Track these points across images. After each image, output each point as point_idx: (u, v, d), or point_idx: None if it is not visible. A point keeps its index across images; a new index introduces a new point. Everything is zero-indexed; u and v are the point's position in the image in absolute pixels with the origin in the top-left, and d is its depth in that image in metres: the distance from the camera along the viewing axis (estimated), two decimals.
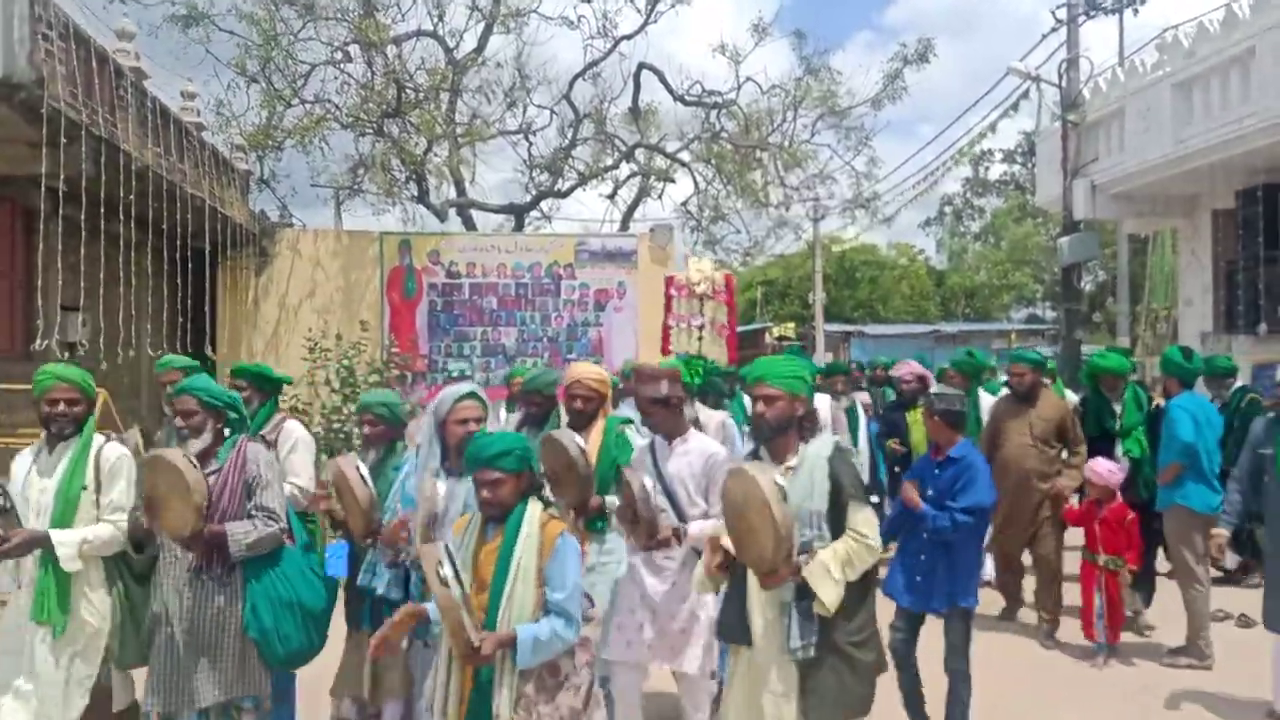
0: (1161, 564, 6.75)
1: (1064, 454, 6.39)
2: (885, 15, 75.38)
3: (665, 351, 7.04)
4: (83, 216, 8.04)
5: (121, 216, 7.89)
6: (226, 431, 3.78)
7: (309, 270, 13.14)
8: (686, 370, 5.18)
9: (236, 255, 12.30)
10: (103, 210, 7.84)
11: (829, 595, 3.15)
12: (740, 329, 28.96)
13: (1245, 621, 6.51)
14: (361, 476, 3.72)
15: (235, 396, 3.93)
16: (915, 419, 7.20)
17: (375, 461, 4.18)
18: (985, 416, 6.90)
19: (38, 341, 7.69)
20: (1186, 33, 11.31)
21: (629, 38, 18.12)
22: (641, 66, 18.13)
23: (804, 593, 3.19)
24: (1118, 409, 6.51)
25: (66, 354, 8.63)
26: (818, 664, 3.22)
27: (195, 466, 3.42)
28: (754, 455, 3.50)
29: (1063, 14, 14.23)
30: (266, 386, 5.03)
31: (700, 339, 7.04)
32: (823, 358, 20.79)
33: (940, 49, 28.06)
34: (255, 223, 12.75)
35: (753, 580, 3.27)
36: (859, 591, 3.30)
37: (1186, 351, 6.38)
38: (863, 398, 8.19)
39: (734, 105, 18.53)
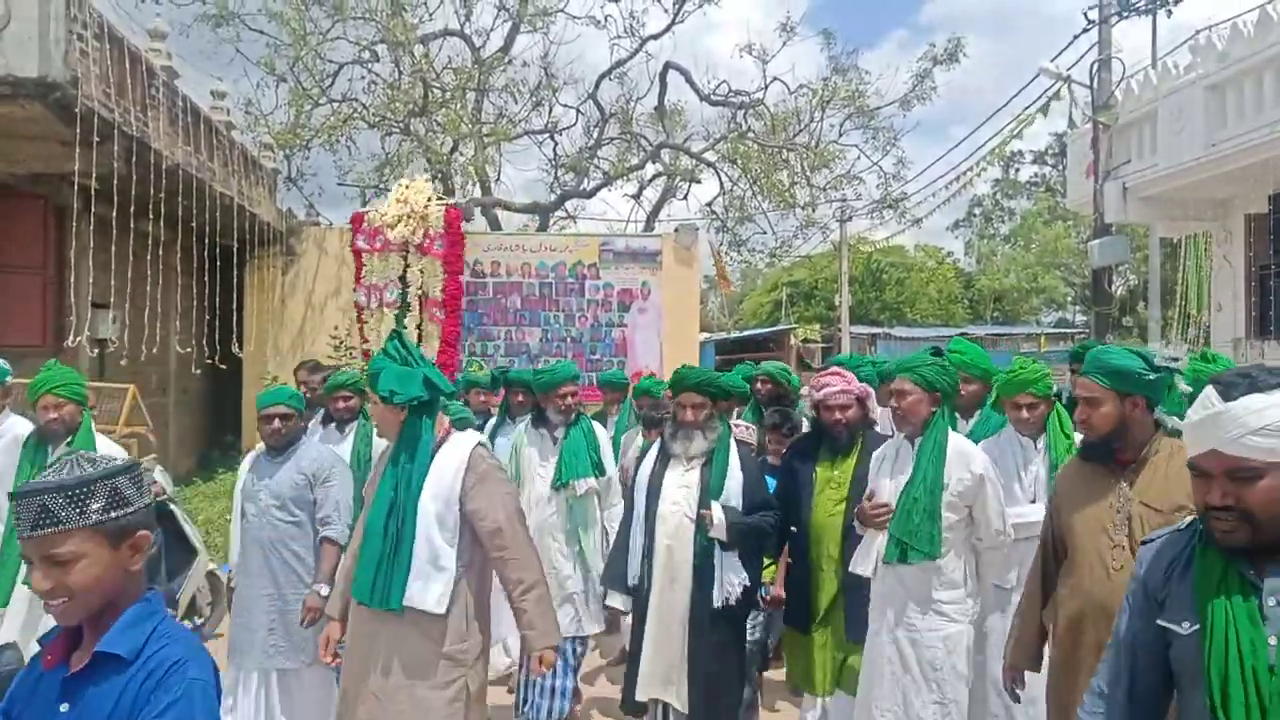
0: None
1: None
2: (920, 14, 74.86)
3: (365, 354, 4.45)
4: (114, 215, 8.16)
5: (151, 215, 7.99)
6: None
7: (335, 268, 13.23)
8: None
9: (264, 253, 12.41)
10: (133, 208, 7.94)
11: None
12: (762, 331, 28.87)
13: None
14: None
15: None
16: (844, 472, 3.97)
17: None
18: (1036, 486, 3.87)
19: (69, 339, 7.79)
20: (1220, 34, 11.14)
21: (656, 37, 18.17)
22: (668, 66, 18.14)
23: None
24: None
25: (96, 350, 8.75)
26: None
27: None
28: None
29: (1095, 14, 14.07)
30: None
31: (402, 320, 4.00)
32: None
33: (973, 49, 27.81)
34: (282, 221, 12.87)
35: None
36: None
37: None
38: (740, 432, 4.66)
39: (761, 105, 18.50)
